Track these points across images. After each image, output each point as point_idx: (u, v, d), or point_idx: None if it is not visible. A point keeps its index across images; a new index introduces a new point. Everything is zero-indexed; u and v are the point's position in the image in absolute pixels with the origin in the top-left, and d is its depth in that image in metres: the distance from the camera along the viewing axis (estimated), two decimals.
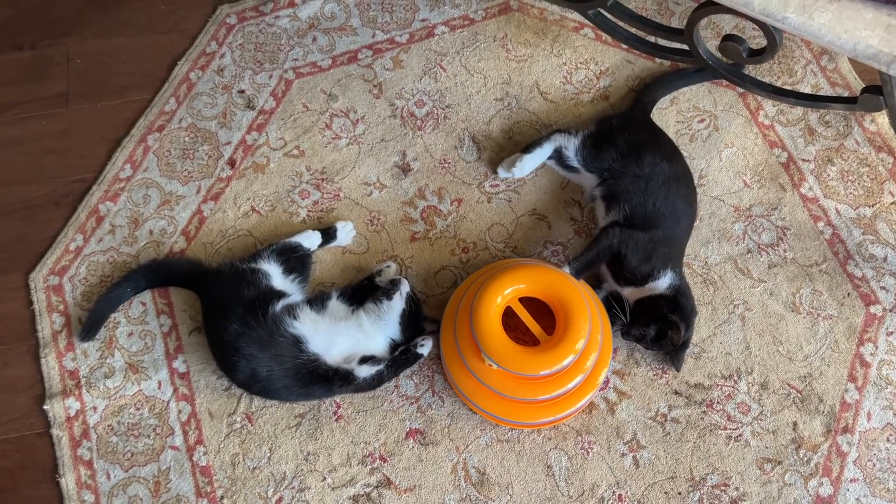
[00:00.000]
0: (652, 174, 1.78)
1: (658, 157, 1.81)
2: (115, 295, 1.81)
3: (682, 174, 1.84)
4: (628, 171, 1.80)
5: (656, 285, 1.72)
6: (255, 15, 2.19)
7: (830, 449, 1.73)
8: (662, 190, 1.77)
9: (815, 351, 1.81)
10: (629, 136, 1.85)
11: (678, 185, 1.81)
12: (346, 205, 1.96)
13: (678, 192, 1.81)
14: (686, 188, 1.84)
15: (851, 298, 1.86)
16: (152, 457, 1.72)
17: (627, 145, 1.83)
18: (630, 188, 1.78)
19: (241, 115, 2.05)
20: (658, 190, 1.77)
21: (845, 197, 1.97)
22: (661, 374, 1.79)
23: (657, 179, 1.78)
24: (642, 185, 1.77)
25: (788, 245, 1.92)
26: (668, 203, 1.77)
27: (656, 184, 1.78)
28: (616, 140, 1.84)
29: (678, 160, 1.87)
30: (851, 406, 1.77)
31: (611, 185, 1.82)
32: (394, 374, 1.74)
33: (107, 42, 2.16)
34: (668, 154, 1.85)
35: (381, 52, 2.14)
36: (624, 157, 1.82)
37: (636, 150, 1.82)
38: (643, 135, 1.88)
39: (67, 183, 1.99)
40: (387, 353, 1.73)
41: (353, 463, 1.71)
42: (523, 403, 1.66)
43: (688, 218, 1.83)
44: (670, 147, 1.89)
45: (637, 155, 1.80)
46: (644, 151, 1.81)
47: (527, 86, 2.09)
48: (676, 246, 1.80)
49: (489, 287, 1.65)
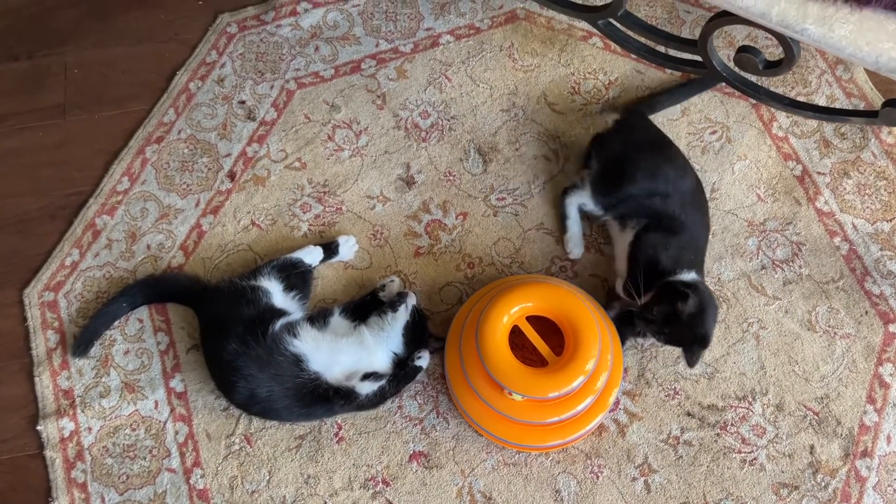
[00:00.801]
0: (670, 190, 1.73)
1: (672, 171, 1.75)
2: (111, 310, 1.76)
3: (695, 183, 1.79)
4: (644, 191, 1.75)
5: (678, 279, 1.66)
6: (257, 24, 2.14)
7: (849, 473, 1.67)
8: (680, 201, 1.72)
9: (833, 371, 1.75)
10: (635, 155, 1.79)
11: (694, 195, 1.76)
12: (349, 218, 1.91)
13: (694, 201, 1.76)
14: (700, 197, 1.79)
15: (869, 317, 1.81)
16: (148, 479, 1.67)
17: (638, 168, 1.77)
18: (646, 204, 1.73)
19: (241, 127, 2.01)
20: (677, 202, 1.72)
21: (862, 211, 1.91)
22: (673, 394, 1.74)
23: (676, 194, 1.73)
24: (659, 202, 1.72)
25: (804, 261, 1.86)
26: (686, 213, 1.72)
27: (675, 197, 1.72)
28: (624, 166, 1.78)
29: (688, 169, 1.82)
30: (870, 429, 1.71)
31: (626, 207, 1.78)
32: (396, 391, 1.68)
33: (105, 52, 2.12)
34: (680, 166, 1.79)
35: (384, 61, 2.09)
36: (638, 181, 1.76)
37: (648, 170, 1.76)
38: (649, 150, 1.82)
39: (64, 196, 1.94)
40: (389, 368, 1.68)
41: (355, 487, 1.66)
42: (531, 426, 1.61)
43: (704, 228, 1.78)
44: (678, 155, 1.84)
45: (651, 174, 1.75)
46: (658, 170, 1.75)
47: (534, 96, 2.04)
48: (698, 251, 1.74)
49: (495, 305, 1.60)
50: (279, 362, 1.60)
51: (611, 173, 1.79)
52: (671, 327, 1.60)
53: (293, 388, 1.61)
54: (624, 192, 1.76)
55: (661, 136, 1.87)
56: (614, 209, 1.80)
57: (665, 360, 1.76)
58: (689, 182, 1.77)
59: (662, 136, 1.87)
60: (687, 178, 1.78)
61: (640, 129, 1.88)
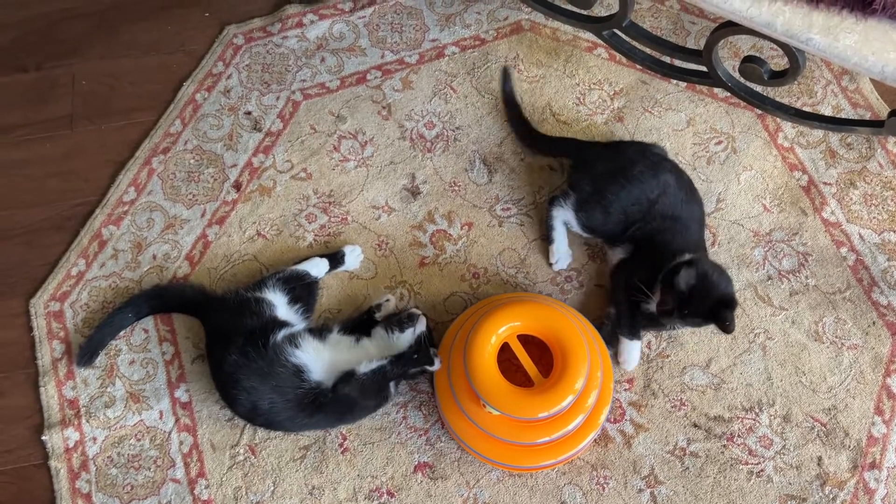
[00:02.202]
0: (650, 215, 1.73)
1: (648, 195, 1.73)
2: (117, 320, 1.77)
3: (676, 187, 1.76)
4: (622, 225, 1.76)
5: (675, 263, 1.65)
6: (263, 35, 2.15)
7: (857, 486, 1.66)
8: (662, 216, 1.72)
9: (840, 382, 1.74)
10: (609, 186, 1.76)
11: (677, 201, 1.74)
12: (354, 229, 1.91)
13: (681, 205, 1.75)
14: (687, 195, 1.77)
15: (877, 327, 1.80)
16: (153, 490, 1.67)
17: (613, 201, 1.75)
18: (629, 234, 1.75)
19: (247, 137, 2.01)
20: (658, 221, 1.72)
21: (869, 221, 1.91)
22: (680, 405, 1.73)
23: (656, 217, 1.72)
24: (639, 228, 1.73)
25: (810, 271, 1.85)
26: (673, 220, 1.72)
27: (663, 204, 1.73)
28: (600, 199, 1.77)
29: (677, 171, 1.81)
30: (879, 440, 1.69)
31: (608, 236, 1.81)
32: (398, 373, 1.62)
33: (112, 63, 2.13)
34: (657, 183, 1.75)
35: (390, 72, 2.10)
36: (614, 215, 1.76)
37: (623, 201, 1.75)
38: (620, 179, 1.76)
39: (70, 206, 1.95)
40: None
41: (360, 498, 1.65)
42: (521, 447, 1.59)
43: (696, 219, 1.77)
44: (662, 161, 1.82)
45: (626, 207, 1.74)
46: (633, 198, 1.74)
47: (539, 107, 2.04)
48: (689, 236, 1.73)
49: (483, 326, 1.59)
50: (280, 374, 1.60)
51: (590, 204, 1.78)
52: (688, 307, 1.58)
53: (295, 400, 1.60)
54: (603, 225, 1.78)
55: (635, 155, 1.81)
56: (598, 235, 1.82)
57: (671, 371, 1.76)
58: (670, 195, 1.74)
59: (636, 154, 1.82)
60: (667, 196, 1.74)
61: (608, 155, 1.85)
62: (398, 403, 1.73)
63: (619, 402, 1.73)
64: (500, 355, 1.60)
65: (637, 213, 1.73)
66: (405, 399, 1.74)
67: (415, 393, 1.74)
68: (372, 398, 1.66)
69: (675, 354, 1.77)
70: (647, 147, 1.86)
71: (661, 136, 1.99)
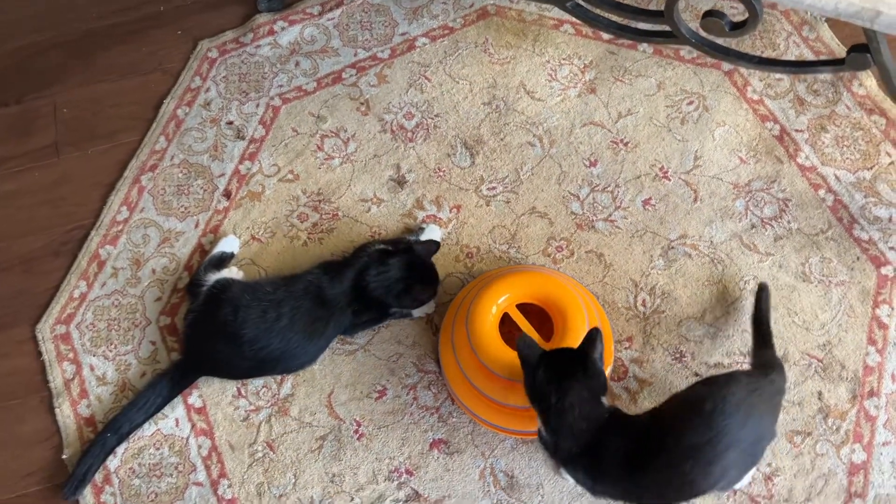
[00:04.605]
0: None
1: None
2: (96, 448, 1.68)
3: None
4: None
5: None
6: (236, 46, 2.19)
7: (859, 414, 1.71)
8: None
9: (832, 318, 1.80)
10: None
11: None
12: (346, 223, 1.95)
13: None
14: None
15: (861, 262, 1.85)
16: (177, 496, 1.70)
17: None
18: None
19: (232, 146, 2.05)
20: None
21: (843, 162, 1.96)
22: (680, 357, 1.77)
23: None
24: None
25: (792, 216, 1.91)
26: None
27: None
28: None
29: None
30: (874, 369, 1.75)
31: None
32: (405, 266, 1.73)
33: (92, 89, 2.16)
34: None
35: (364, 69, 2.14)
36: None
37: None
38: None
39: (65, 232, 1.98)
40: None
41: (380, 480, 1.69)
42: (530, 411, 1.63)
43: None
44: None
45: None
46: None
47: (513, 87, 2.09)
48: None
49: (482, 298, 1.63)
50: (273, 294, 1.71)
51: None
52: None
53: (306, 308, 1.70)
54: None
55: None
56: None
57: (668, 326, 1.80)
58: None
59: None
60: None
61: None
62: (407, 386, 1.77)
63: (621, 360, 1.78)
64: (501, 329, 1.64)
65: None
66: (413, 381, 1.78)
67: (422, 374, 1.78)
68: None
69: (669, 309, 1.82)
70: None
71: (633, 102, 2.05)
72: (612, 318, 1.81)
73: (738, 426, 1.35)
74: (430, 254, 1.78)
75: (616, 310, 1.83)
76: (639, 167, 1.97)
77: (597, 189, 1.96)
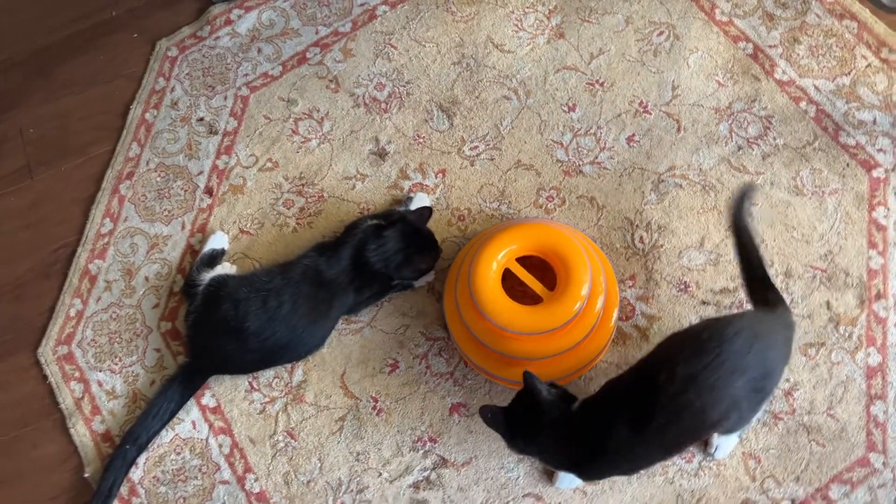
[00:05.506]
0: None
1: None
2: (117, 462, 1.67)
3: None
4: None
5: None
6: (195, 41, 2.15)
7: (869, 318, 1.71)
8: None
9: (830, 227, 1.79)
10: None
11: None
12: (333, 203, 1.93)
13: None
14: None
15: (851, 168, 1.84)
16: (205, 497, 1.69)
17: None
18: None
19: (206, 143, 2.02)
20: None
21: (820, 72, 1.95)
22: (685, 288, 1.77)
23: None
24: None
25: (777, 132, 1.90)
26: None
27: None
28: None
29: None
30: (878, 272, 1.75)
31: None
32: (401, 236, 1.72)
33: (56, 105, 2.12)
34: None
35: (328, 46, 2.10)
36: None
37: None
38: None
39: (51, 252, 1.95)
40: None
41: (405, 451, 1.68)
42: (545, 362, 1.63)
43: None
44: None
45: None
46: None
47: (480, 43, 2.06)
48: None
49: (481, 256, 1.62)
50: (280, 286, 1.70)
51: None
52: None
53: (307, 293, 1.69)
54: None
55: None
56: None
57: (669, 259, 1.80)
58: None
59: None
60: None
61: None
62: (418, 356, 1.76)
63: (627, 299, 1.77)
64: (504, 284, 1.63)
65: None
66: (423, 350, 1.77)
67: (431, 342, 1.77)
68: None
69: (668, 242, 1.81)
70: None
71: (604, 41, 2.02)
72: (613, 259, 1.80)
73: (742, 352, 1.32)
74: (424, 221, 1.76)
75: (615, 250, 1.82)
76: (618, 105, 1.95)
77: (579, 133, 1.94)
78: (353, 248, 1.71)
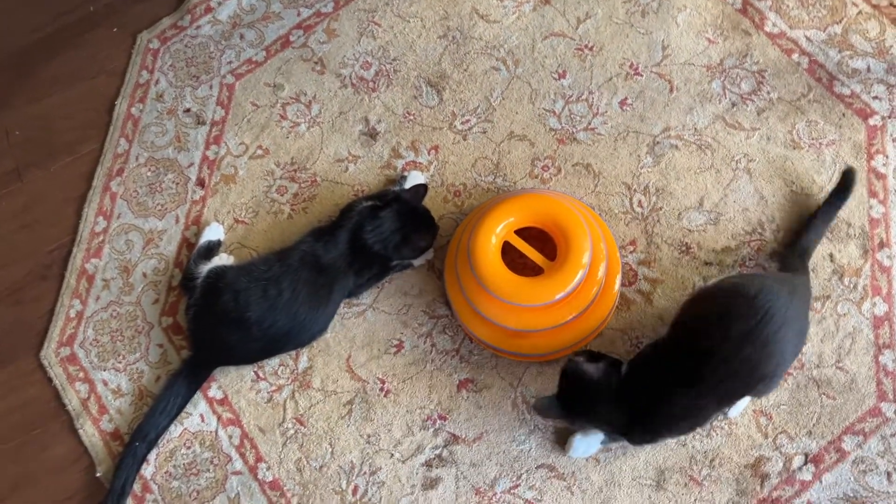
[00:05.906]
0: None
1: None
2: (128, 461, 1.67)
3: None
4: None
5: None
6: (176, 32, 2.12)
7: (873, 268, 1.70)
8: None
9: (829, 179, 1.77)
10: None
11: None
12: (326, 187, 1.91)
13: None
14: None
15: (847, 118, 1.82)
16: (218, 489, 1.69)
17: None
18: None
19: (194, 134, 2.00)
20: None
21: (811, 22, 1.92)
22: (686, 250, 1.75)
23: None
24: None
25: (770, 86, 1.87)
26: None
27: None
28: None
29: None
30: (880, 221, 1.73)
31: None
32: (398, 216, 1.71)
33: (39, 105, 2.09)
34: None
35: (311, 27, 2.07)
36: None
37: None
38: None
39: (46, 254, 1.93)
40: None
41: (415, 430, 1.68)
42: (549, 333, 1.62)
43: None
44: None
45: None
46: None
47: (465, 14, 2.03)
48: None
49: (479, 232, 1.61)
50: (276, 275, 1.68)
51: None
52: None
53: (306, 279, 1.68)
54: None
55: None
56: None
57: (668, 221, 1.78)
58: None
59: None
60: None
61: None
62: (422, 335, 1.75)
63: (629, 264, 1.76)
64: (505, 258, 1.61)
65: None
66: (428, 328, 1.75)
67: (435, 319, 1.76)
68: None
69: (667, 205, 1.79)
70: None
71: (590, 4, 1.99)
72: (612, 225, 1.78)
73: (786, 307, 1.38)
74: (420, 199, 1.74)
75: (614, 216, 1.80)
76: (609, 69, 1.93)
77: (571, 100, 1.91)
78: (350, 230, 1.69)
